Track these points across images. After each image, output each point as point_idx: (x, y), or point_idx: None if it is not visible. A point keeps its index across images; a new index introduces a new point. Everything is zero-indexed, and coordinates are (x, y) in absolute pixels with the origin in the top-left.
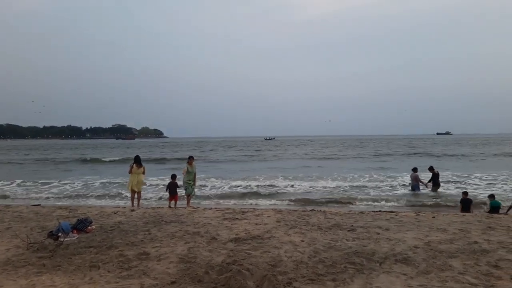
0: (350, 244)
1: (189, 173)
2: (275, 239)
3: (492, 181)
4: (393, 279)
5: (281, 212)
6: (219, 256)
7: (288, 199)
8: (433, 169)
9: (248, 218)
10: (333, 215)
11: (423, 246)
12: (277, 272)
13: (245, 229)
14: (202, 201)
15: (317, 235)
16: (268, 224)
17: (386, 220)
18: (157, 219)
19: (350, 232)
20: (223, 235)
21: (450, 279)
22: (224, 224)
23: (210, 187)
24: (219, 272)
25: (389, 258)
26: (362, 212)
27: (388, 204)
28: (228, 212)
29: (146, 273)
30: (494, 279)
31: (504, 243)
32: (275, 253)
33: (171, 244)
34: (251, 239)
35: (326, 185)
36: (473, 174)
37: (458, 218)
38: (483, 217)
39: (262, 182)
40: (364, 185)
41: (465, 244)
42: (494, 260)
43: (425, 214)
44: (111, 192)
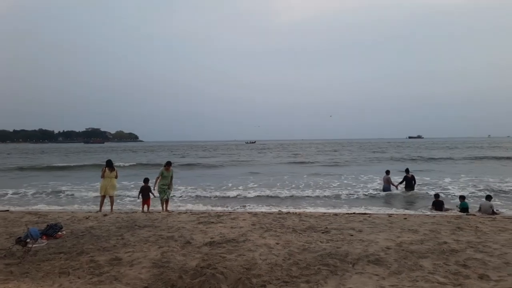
0: (324, 246)
1: (164, 177)
2: (250, 242)
3: (460, 183)
4: (366, 280)
5: (257, 215)
6: (193, 260)
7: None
8: (408, 171)
9: (224, 222)
10: (308, 218)
11: (395, 247)
12: (251, 275)
13: (220, 233)
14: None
15: (292, 238)
16: (243, 228)
17: (360, 222)
18: (130, 223)
19: (324, 234)
20: (197, 239)
21: (421, 279)
22: (199, 228)
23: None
24: (193, 276)
25: (362, 259)
26: (336, 214)
27: (362, 206)
28: (203, 216)
29: (117, 278)
30: (463, 278)
31: (472, 243)
32: (250, 256)
33: (144, 249)
34: (226, 243)
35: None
36: (443, 178)
37: (429, 219)
38: (452, 218)
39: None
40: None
41: (435, 244)
42: (463, 259)
43: (397, 216)
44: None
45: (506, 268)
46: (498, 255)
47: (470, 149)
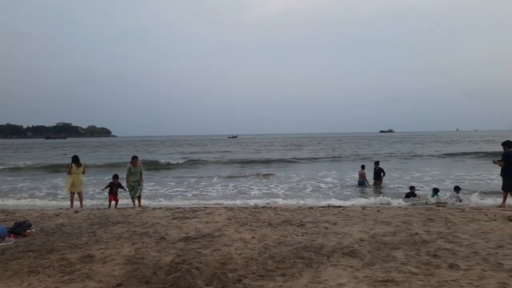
0: (300, 239)
1: (133, 174)
2: (226, 236)
3: (429, 177)
4: (340, 272)
5: (233, 210)
6: (168, 256)
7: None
8: (378, 164)
9: (199, 217)
10: (283, 211)
11: (369, 239)
12: (227, 270)
13: (196, 228)
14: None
15: (268, 231)
16: (219, 222)
17: (334, 214)
18: (103, 220)
19: (300, 227)
20: (172, 235)
21: (393, 270)
22: (174, 223)
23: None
24: (168, 272)
25: (336, 251)
26: (311, 208)
27: (336, 199)
28: (178, 211)
29: (90, 276)
30: (433, 267)
31: (443, 233)
32: (225, 250)
33: (118, 245)
34: (202, 238)
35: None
36: (411, 170)
37: (401, 211)
38: (423, 209)
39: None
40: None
41: (407, 235)
42: (433, 250)
43: (371, 208)
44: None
45: (474, 257)
46: (466, 245)
47: (438, 144)
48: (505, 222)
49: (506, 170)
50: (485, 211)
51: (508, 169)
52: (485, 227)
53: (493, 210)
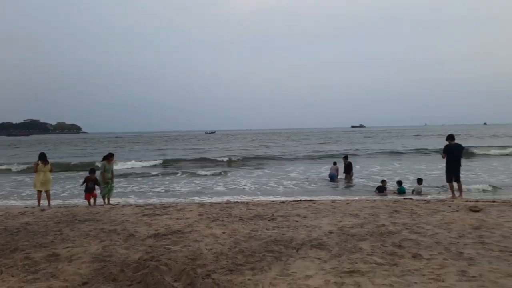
0: (270, 233)
1: (106, 171)
2: (196, 232)
3: (395, 170)
4: (308, 264)
5: (204, 206)
6: (137, 253)
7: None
8: (347, 158)
9: (170, 213)
10: (255, 206)
11: (337, 231)
12: (196, 265)
13: (166, 224)
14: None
15: (239, 226)
16: (190, 218)
17: (305, 208)
18: (70, 218)
19: (271, 221)
20: (141, 232)
21: (360, 261)
22: (144, 220)
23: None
24: (135, 269)
25: (305, 244)
26: (283, 202)
27: (308, 193)
28: (148, 208)
29: (55, 275)
30: (398, 258)
31: (407, 224)
32: (195, 246)
33: (85, 243)
34: (171, 234)
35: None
36: (374, 165)
37: (369, 204)
38: (390, 202)
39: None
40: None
41: (374, 227)
42: (398, 240)
43: (340, 201)
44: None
45: (437, 247)
46: (430, 235)
47: (407, 138)
48: (467, 213)
49: (448, 162)
50: (449, 202)
51: (449, 161)
52: (448, 218)
53: (456, 201)
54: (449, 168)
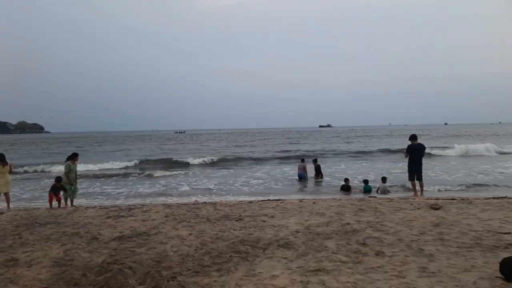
0: (237, 234)
1: (71, 171)
2: (162, 234)
3: (356, 169)
4: (275, 264)
5: (171, 207)
6: (100, 257)
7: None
8: (316, 161)
9: (135, 215)
10: (223, 206)
11: (303, 230)
12: (161, 268)
13: (131, 226)
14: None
15: (206, 227)
16: (155, 220)
17: (272, 208)
18: (30, 221)
19: (238, 222)
20: (105, 234)
21: (325, 259)
22: (108, 222)
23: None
24: (98, 273)
25: (272, 243)
26: (250, 202)
27: (276, 193)
28: (113, 210)
29: (13, 281)
30: (362, 255)
31: (372, 222)
32: (161, 248)
33: (45, 247)
34: (136, 236)
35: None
36: (339, 164)
37: (335, 203)
38: (355, 200)
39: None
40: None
41: (339, 225)
42: (363, 238)
43: (307, 201)
44: None
45: (399, 244)
46: (392, 232)
47: (372, 138)
48: (428, 210)
49: (410, 161)
50: (411, 200)
51: (411, 160)
52: (410, 216)
53: (418, 199)
54: (412, 167)
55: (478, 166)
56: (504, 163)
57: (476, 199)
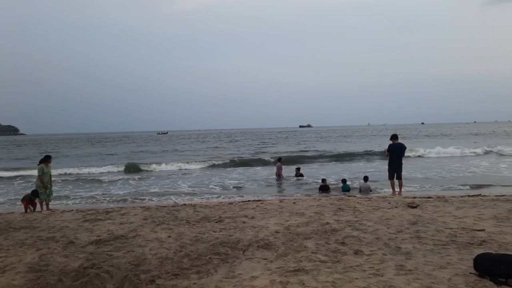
0: (217, 235)
1: (45, 174)
2: (141, 237)
3: (332, 168)
4: (255, 265)
5: (149, 209)
6: (76, 261)
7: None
8: (299, 170)
9: (113, 218)
10: (202, 208)
11: (283, 231)
12: (140, 271)
13: (108, 230)
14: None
15: (185, 229)
16: (134, 223)
17: (253, 209)
18: (4, 226)
19: (218, 223)
20: (82, 238)
21: (304, 259)
22: (85, 226)
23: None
24: (74, 278)
25: (252, 245)
26: (231, 203)
27: (255, 193)
28: (90, 213)
29: None
30: (341, 255)
31: (350, 221)
32: (139, 251)
33: (20, 252)
34: (114, 240)
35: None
36: (318, 163)
37: (314, 202)
38: (335, 200)
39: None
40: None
41: (319, 225)
42: (342, 237)
43: (287, 201)
44: None
45: (377, 243)
46: (371, 231)
47: (351, 138)
48: (405, 209)
49: (390, 160)
50: (389, 199)
51: (392, 159)
52: (387, 214)
53: (396, 198)
54: (392, 166)
55: (450, 165)
56: (474, 162)
57: (452, 197)
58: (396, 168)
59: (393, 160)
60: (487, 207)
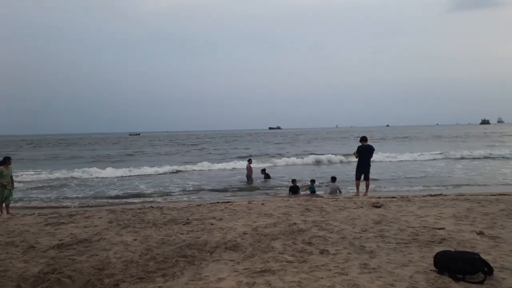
0: (184, 238)
1: (4, 176)
2: (105, 240)
3: (299, 170)
4: (221, 267)
5: (115, 212)
6: (37, 266)
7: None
8: (264, 171)
9: (76, 221)
10: (170, 210)
11: (251, 232)
12: (103, 275)
13: (71, 234)
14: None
15: (151, 232)
16: (98, 226)
17: (221, 210)
18: None
19: (185, 225)
20: (43, 243)
21: (271, 259)
22: (46, 230)
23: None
24: (34, 283)
25: (219, 246)
26: (199, 205)
27: (226, 194)
28: (53, 217)
29: None
30: (307, 254)
31: (317, 221)
32: (103, 255)
33: None
34: (77, 244)
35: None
36: (286, 165)
37: (283, 203)
38: (303, 200)
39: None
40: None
41: (286, 226)
42: (308, 237)
43: (256, 202)
44: None
45: (342, 242)
46: (337, 231)
47: (319, 140)
48: (370, 209)
49: (359, 161)
50: (355, 199)
51: (361, 160)
52: (353, 214)
53: (361, 198)
54: (360, 167)
55: (406, 166)
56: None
57: (414, 197)
58: (365, 169)
59: (362, 162)
60: (447, 206)
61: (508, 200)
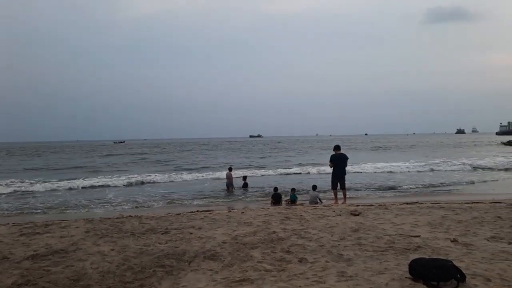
0: (163, 247)
1: None
2: (82, 251)
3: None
4: (200, 276)
5: (92, 222)
6: (10, 278)
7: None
8: (245, 179)
9: (52, 231)
10: (148, 220)
11: (230, 241)
12: (79, 286)
13: (46, 244)
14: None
15: (129, 242)
16: (75, 236)
17: (201, 219)
18: None
19: (164, 235)
20: (17, 253)
21: (250, 268)
22: (21, 240)
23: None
24: None
25: (198, 256)
26: (178, 214)
27: (206, 202)
28: (28, 227)
29: None
30: (285, 263)
31: (296, 230)
32: (79, 266)
33: None
34: (53, 254)
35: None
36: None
37: (263, 212)
38: (283, 209)
39: None
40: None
41: (266, 234)
42: (287, 246)
43: (236, 210)
44: None
45: (321, 250)
46: (315, 239)
47: (297, 150)
48: (348, 217)
49: (334, 170)
50: (334, 207)
51: (335, 169)
52: (332, 222)
53: (340, 207)
54: (335, 176)
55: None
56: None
57: (392, 204)
58: (339, 178)
59: (336, 170)
60: (423, 214)
61: (480, 208)
